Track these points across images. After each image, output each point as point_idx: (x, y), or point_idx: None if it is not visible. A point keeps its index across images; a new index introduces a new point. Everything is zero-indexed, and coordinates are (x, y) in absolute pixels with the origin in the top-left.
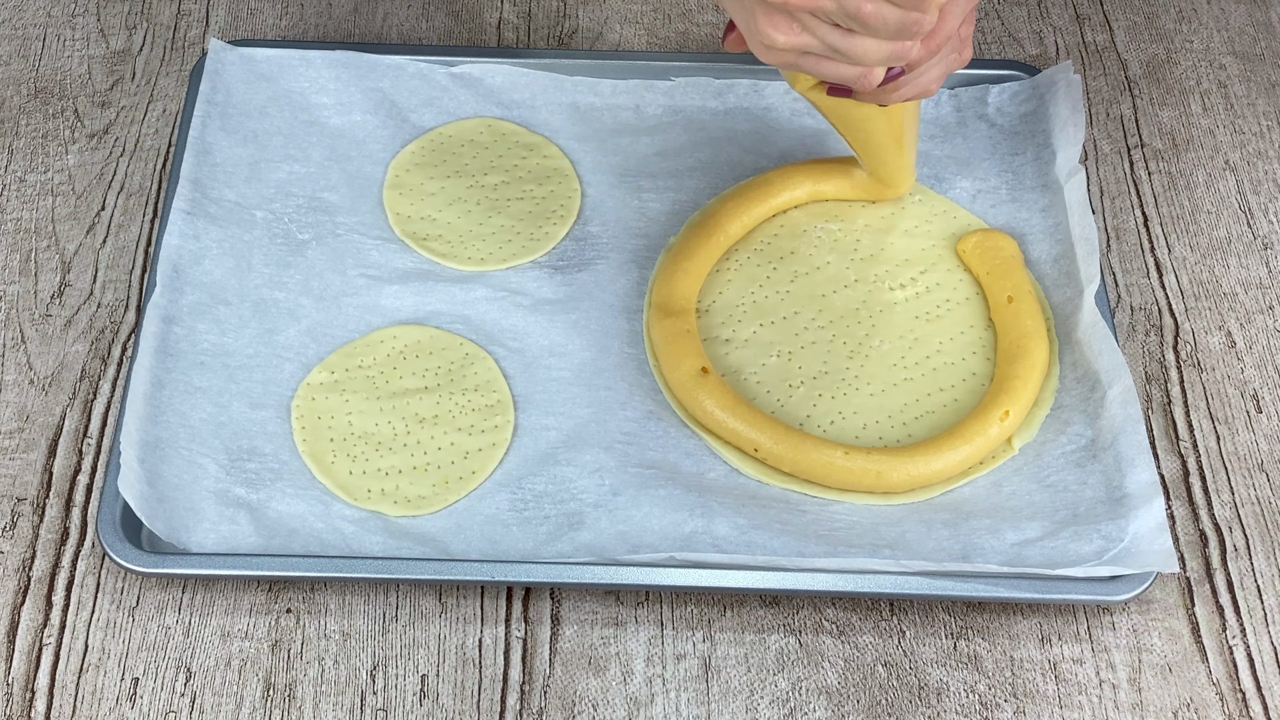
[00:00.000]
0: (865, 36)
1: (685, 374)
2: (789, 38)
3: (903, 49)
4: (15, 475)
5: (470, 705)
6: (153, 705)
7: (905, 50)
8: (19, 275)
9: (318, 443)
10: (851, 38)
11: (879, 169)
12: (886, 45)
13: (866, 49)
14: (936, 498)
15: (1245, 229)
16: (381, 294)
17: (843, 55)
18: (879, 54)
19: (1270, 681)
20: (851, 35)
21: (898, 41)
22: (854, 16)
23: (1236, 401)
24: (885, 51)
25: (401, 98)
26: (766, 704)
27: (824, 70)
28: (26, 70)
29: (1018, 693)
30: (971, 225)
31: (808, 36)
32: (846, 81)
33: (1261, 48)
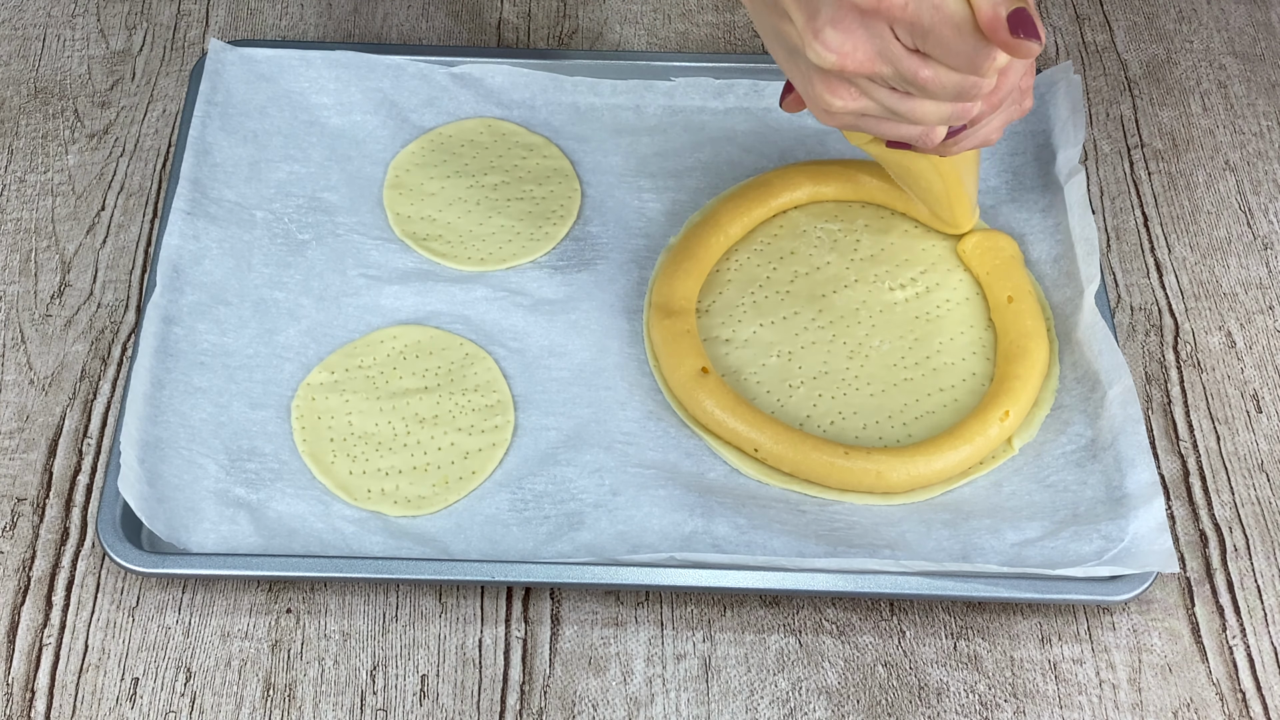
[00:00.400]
0: (924, 99)
1: (685, 374)
2: (847, 103)
3: (963, 110)
4: (15, 475)
5: (470, 705)
6: (153, 705)
7: (966, 111)
8: (19, 275)
9: (318, 443)
10: (910, 100)
11: (940, 211)
12: (946, 106)
13: (926, 111)
14: (936, 498)
15: (1245, 229)
16: (381, 294)
17: (903, 117)
18: (939, 114)
19: (1270, 681)
20: (910, 98)
21: (958, 103)
22: (911, 81)
23: (1236, 401)
24: (945, 112)
25: (401, 98)
26: (766, 704)
27: (884, 130)
28: (26, 70)
29: (1018, 693)
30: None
31: (866, 100)
32: (908, 140)
33: (1261, 48)
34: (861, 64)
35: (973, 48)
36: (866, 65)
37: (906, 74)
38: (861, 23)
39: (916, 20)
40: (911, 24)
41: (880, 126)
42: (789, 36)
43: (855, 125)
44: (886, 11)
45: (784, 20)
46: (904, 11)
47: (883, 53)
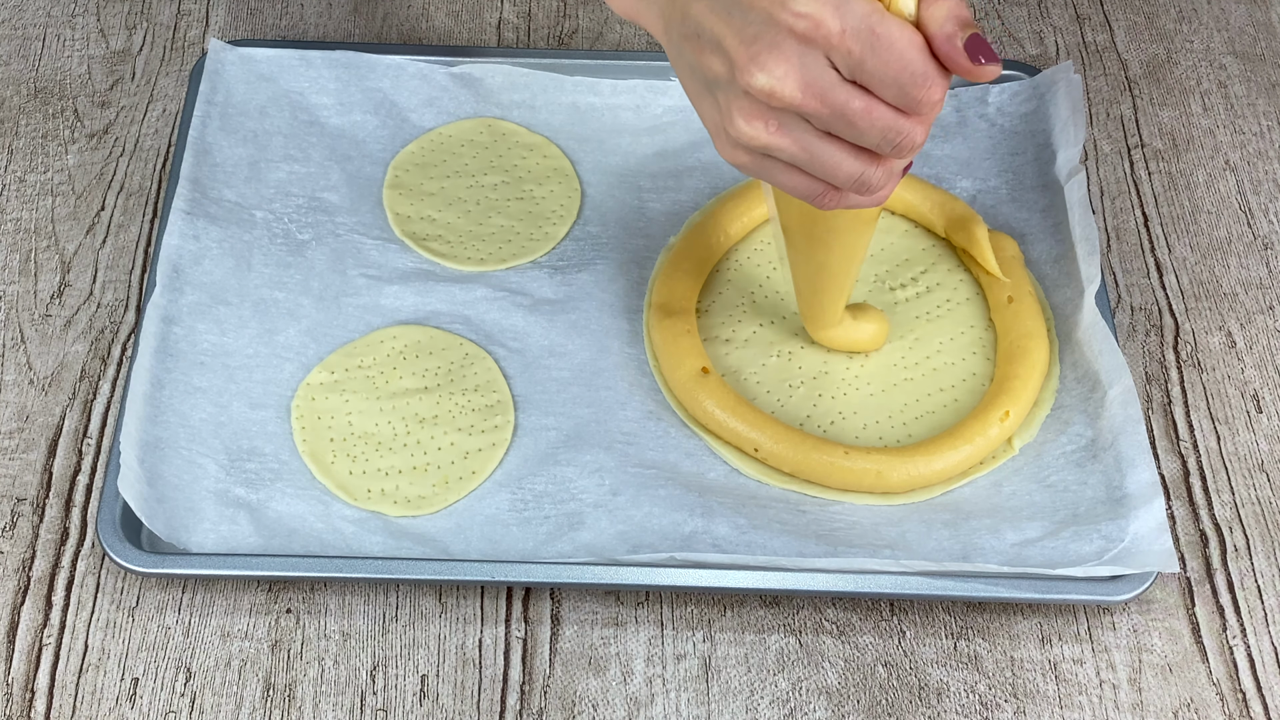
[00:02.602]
0: (841, 145)
1: (685, 374)
2: (762, 135)
3: (875, 172)
4: (15, 475)
5: (470, 705)
6: (153, 705)
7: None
8: (19, 275)
9: (318, 443)
10: (828, 145)
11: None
12: (859, 164)
13: (838, 162)
14: (937, 498)
15: (1245, 229)
16: (381, 294)
17: (813, 165)
18: (848, 171)
19: (1270, 681)
20: (829, 142)
21: (872, 161)
22: (840, 114)
23: (1237, 401)
24: (854, 171)
25: (401, 98)
26: (766, 704)
27: (786, 179)
28: (26, 70)
29: (1018, 693)
30: None
31: (783, 138)
32: (804, 196)
33: (1261, 48)
34: (792, 91)
35: (914, 79)
36: (797, 93)
37: (836, 104)
38: (798, 50)
39: (853, 48)
40: (849, 52)
41: (784, 174)
42: (709, 68)
43: (759, 169)
44: (824, 39)
45: (707, 52)
46: (841, 39)
47: (815, 83)
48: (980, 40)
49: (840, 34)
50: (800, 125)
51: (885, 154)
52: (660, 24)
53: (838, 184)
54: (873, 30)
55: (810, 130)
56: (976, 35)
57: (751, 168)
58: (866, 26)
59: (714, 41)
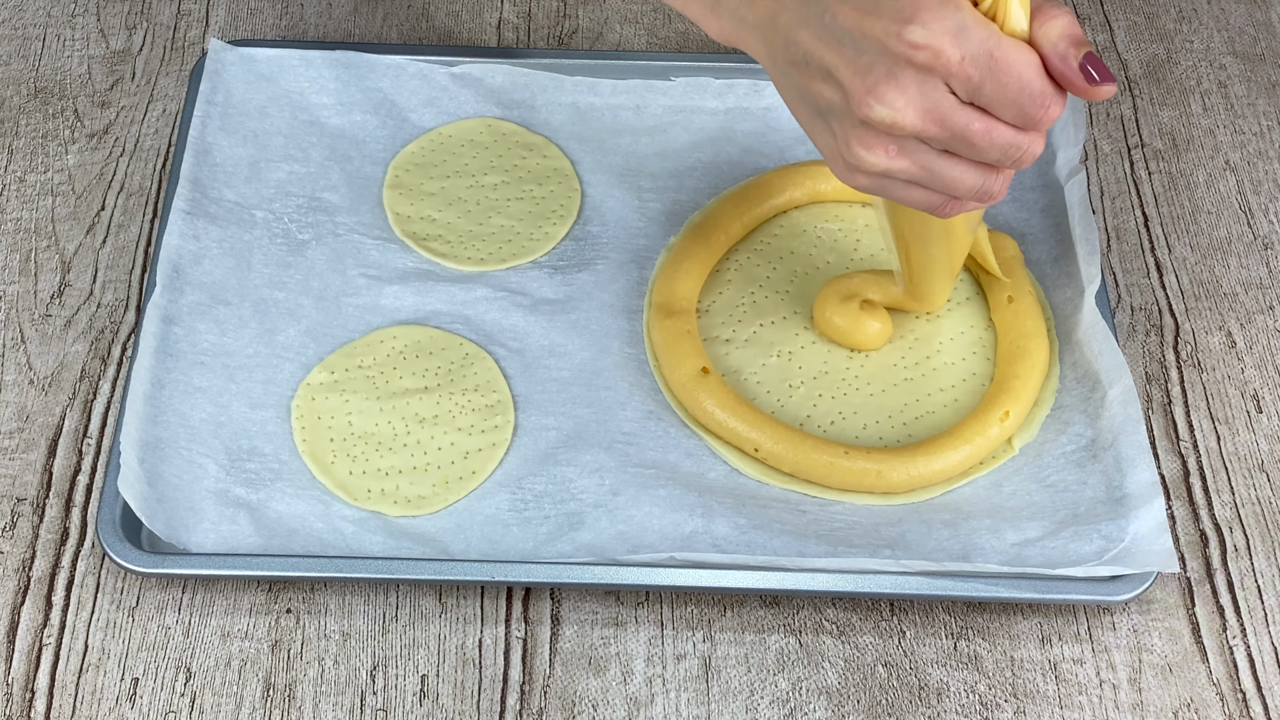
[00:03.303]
0: (960, 161)
1: (685, 374)
2: (883, 161)
3: (995, 183)
4: (15, 475)
5: (470, 705)
6: (153, 705)
7: (990, 192)
8: (19, 275)
9: (318, 443)
10: (948, 162)
11: (921, 283)
12: (979, 176)
13: (958, 176)
14: (937, 498)
15: (1245, 229)
16: (381, 294)
17: (933, 181)
18: (969, 184)
19: (1270, 681)
20: (949, 159)
21: (992, 172)
22: (961, 136)
23: (1237, 401)
24: (976, 183)
25: (401, 98)
26: (766, 704)
27: (909, 196)
28: (26, 70)
29: (1018, 693)
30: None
31: (904, 160)
32: (926, 209)
33: (1261, 48)
34: (913, 121)
35: (1032, 99)
36: (918, 123)
37: (957, 128)
38: (917, 80)
39: (972, 74)
40: (968, 78)
41: (906, 191)
42: (821, 96)
43: (879, 188)
44: (944, 68)
45: (817, 79)
46: (961, 66)
47: (935, 110)
48: (1095, 59)
49: (960, 62)
50: (920, 147)
51: (1005, 166)
52: (763, 48)
53: (959, 196)
54: (991, 55)
55: (929, 151)
56: (1091, 54)
57: (872, 188)
58: (985, 51)
59: (824, 70)
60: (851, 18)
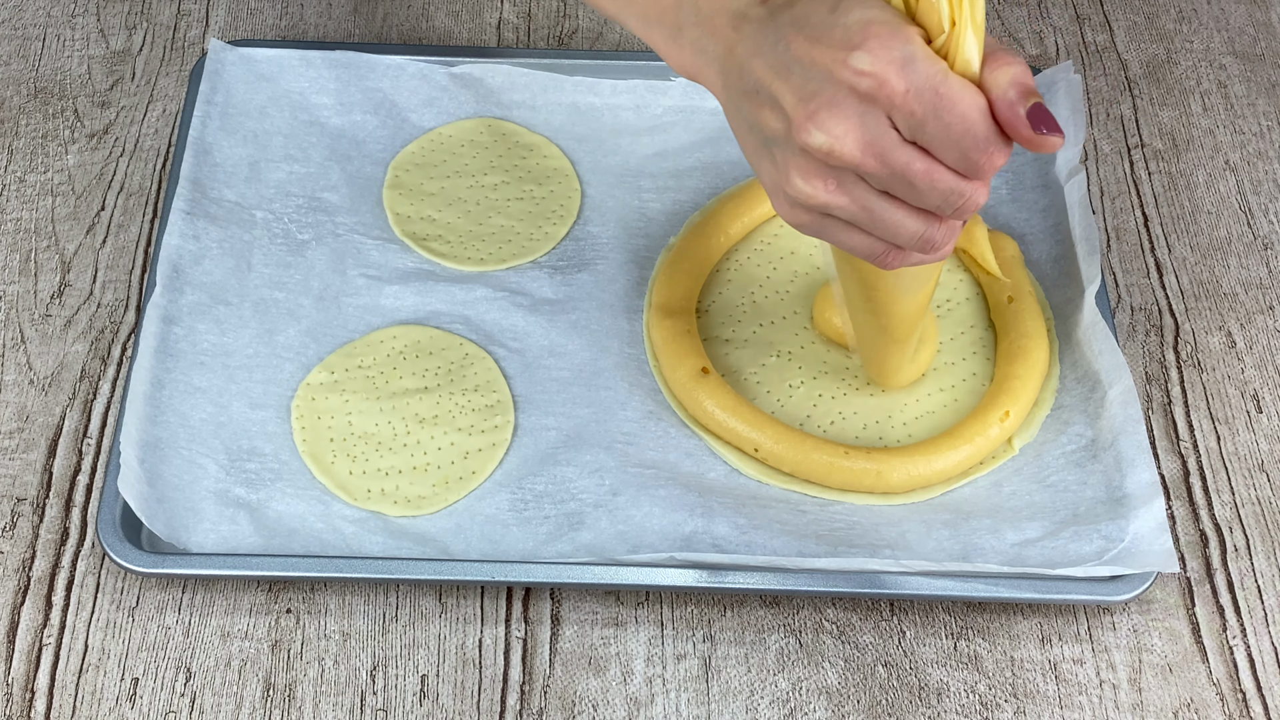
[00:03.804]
0: (901, 206)
1: (685, 374)
2: (821, 194)
3: (938, 232)
4: (15, 475)
5: (470, 705)
6: (152, 705)
7: (936, 236)
8: (19, 275)
9: (318, 443)
10: (888, 205)
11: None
12: (920, 223)
13: (898, 221)
14: (937, 498)
15: (1245, 229)
16: (381, 294)
17: (873, 225)
18: (909, 231)
19: (1270, 681)
20: (889, 202)
21: (934, 221)
22: (901, 174)
23: (1236, 401)
24: (917, 231)
25: (401, 98)
26: (766, 704)
27: (848, 239)
28: (26, 70)
29: (1018, 693)
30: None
31: (843, 196)
32: (866, 256)
33: (1261, 48)
34: (851, 151)
35: (975, 143)
36: (856, 153)
37: (897, 165)
38: (859, 109)
39: (916, 109)
40: (911, 113)
41: (847, 234)
42: (766, 125)
43: (819, 228)
44: (886, 99)
45: (765, 108)
46: (904, 99)
47: (875, 143)
48: (1044, 110)
49: (904, 94)
50: (859, 185)
51: (945, 215)
52: (719, 80)
53: (900, 244)
54: (937, 91)
55: (869, 190)
56: (1040, 105)
57: (812, 227)
58: (931, 87)
59: (771, 99)
60: (802, 46)
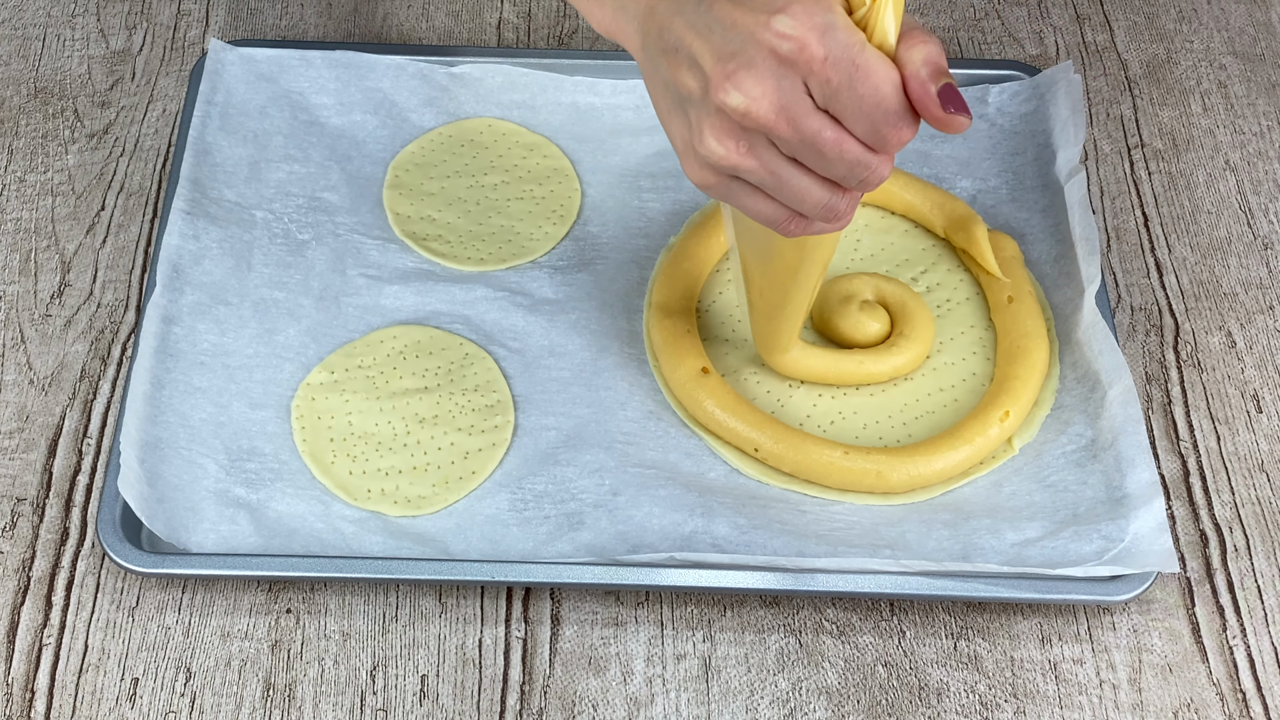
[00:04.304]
0: (808, 174)
1: (686, 374)
2: (732, 155)
3: (840, 202)
4: (15, 475)
5: (470, 705)
6: (152, 705)
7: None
8: (19, 275)
9: (318, 443)
10: (795, 171)
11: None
12: (825, 193)
13: (805, 189)
14: (936, 498)
15: (1245, 229)
16: (381, 294)
17: (779, 190)
18: (813, 200)
19: (1270, 681)
20: (796, 169)
21: (838, 191)
22: (810, 142)
23: (1237, 401)
24: (820, 199)
25: (401, 98)
26: (766, 704)
27: (752, 204)
28: (26, 70)
29: (1018, 693)
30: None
31: (752, 159)
32: (768, 222)
33: (1261, 48)
34: (766, 113)
35: (886, 116)
36: (770, 115)
37: (808, 132)
38: (776, 72)
39: (832, 76)
40: (827, 80)
41: (752, 199)
42: (683, 84)
43: (725, 191)
44: (805, 63)
45: (683, 67)
46: (822, 66)
47: (789, 108)
48: (954, 90)
49: (822, 61)
50: (769, 149)
51: (850, 187)
52: (638, 39)
53: (804, 211)
54: (853, 61)
55: (778, 155)
56: (951, 85)
57: (718, 189)
58: (848, 57)
59: (690, 58)
60: (725, 7)
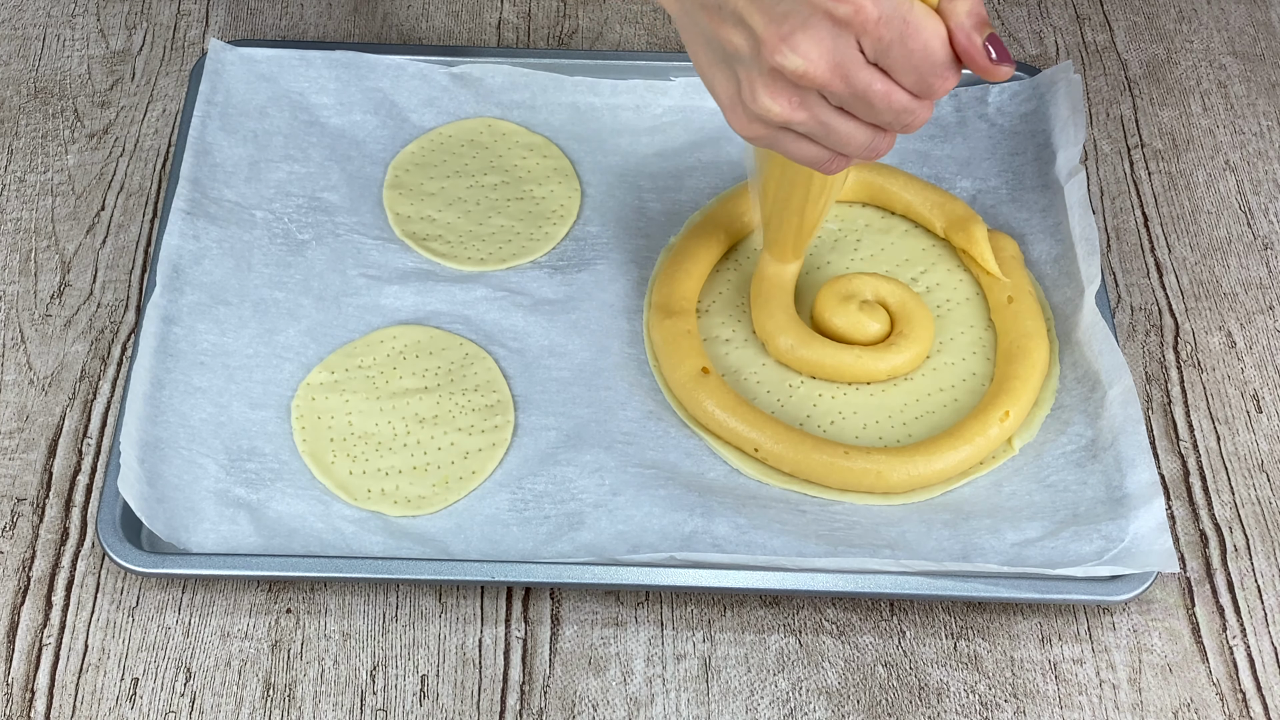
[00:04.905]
0: (854, 120)
1: (686, 374)
2: (786, 110)
3: (883, 142)
4: (15, 475)
5: (470, 705)
6: (152, 705)
7: (884, 144)
8: (19, 275)
9: (318, 443)
10: (843, 119)
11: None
12: (869, 135)
13: (850, 134)
14: (936, 498)
15: (1245, 229)
16: (381, 294)
17: (826, 137)
18: (858, 143)
19: (1270, 681)
20: (844, 117)
21: (881, 133)
22: (861, 95)
23: (1236, 401)
24: (865, 141)
25: (401, 98)
26: (766, 704)
27: (799, 150)
28: (26, 70)
29: (1018, 693)
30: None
31: (803, 112)
32: (812, 164)
33: (1261, 48)
34: (823, 72)
35: (933, 68)
36: (827, 75)
37: (859, 86)
38: (832, 32)
39: (884, 34)
40: (879, 38)
41: (797, 145)
42: (729, 41)
43: (770, 139)
44: (860, 24)
45: (728, 25)
46: (876, 25)
47: (842, 65)
48: (997, 40)
49: (876, 21)
50: (819, 102)
51: (893, 130)
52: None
53: (847, 153)
54: (904, 19)
55: (827, 106)
56: (994, 35)
57: (764, 139)
58: (899, 15)
59: (736, 16)
60: None
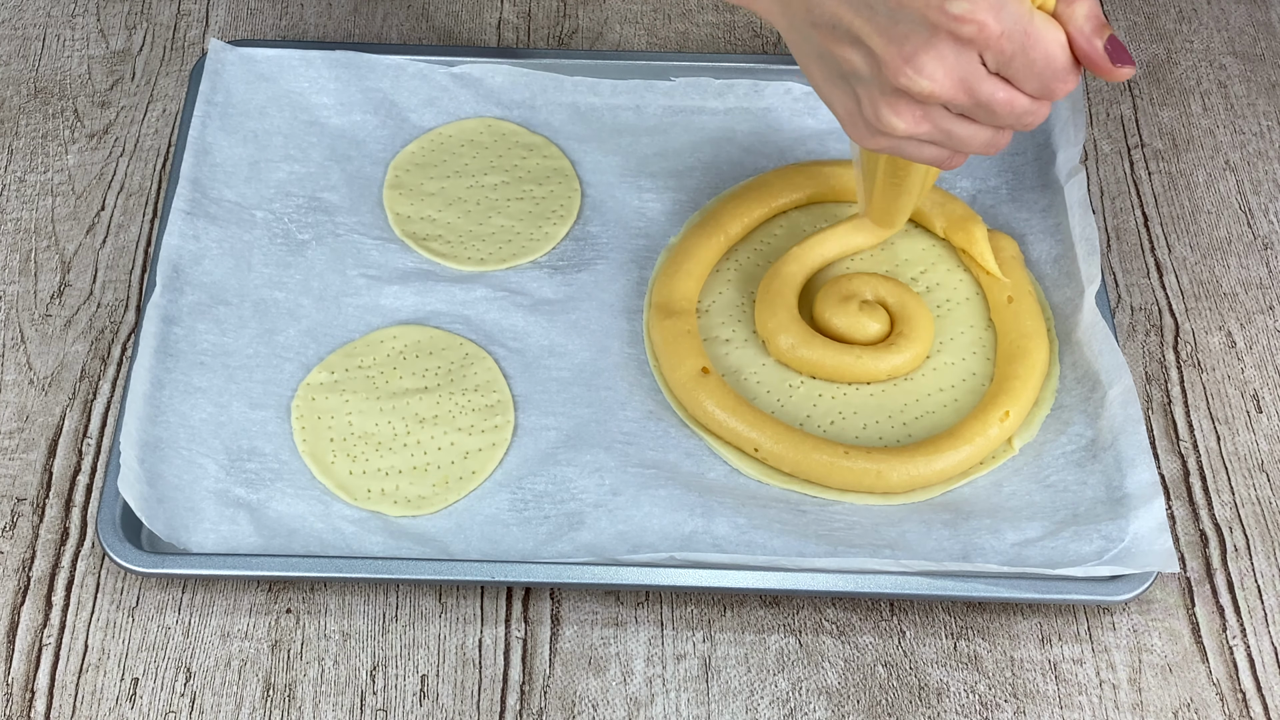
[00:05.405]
0: (974, 124)
1: (685, 374)
2: (910, 125)
3: (1002, 139)
4: (15, 475)
5: (470, 705)
6: (152, 705)
7: (1003, 140)
8: (19, 275)
9: (318, 443)
10: (964, 125)
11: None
12: (989, 136)
13: (971, 135)
14: (936, 498)
15: (1245, 229)
16: (381, 294)
17: (949, 142)
18: (979, 142)
19: (1270, 681)
20: (965, 122)
21: (1000, 132)
22: (985, 104)
23: (1236, 401)
24: (986, 140)
25: (401, 98)
26: (766, 704)
27: (919, 153)
28: (26, 70)
29: (1018, 693)
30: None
31: (927, 125)
32: (931, 163)
33: (1261, 48)
34: (949, 90)
35: (1056, 74)
36: (952, 91)
37: (983, 97)
38: (955, 51)
39: (1006, 47)
40: (1002, 51)
41: (918, 150)
42: (847, 61)
43: (893, 147)
44: (983, 40)
45: (844, 44)
46: (998, 40)
47: (966, 79)
48: (1118, 42)
49: (999, 36)
50: (943, 113)
51: (1014, 129)
52: (778, 6)
53: (967, 152)
54: (1025, 31)
55: (950, 115)
56: (1114, 37)
57: (887, 149)
58: (1020, 28)
59: (852, 36)
60: None
